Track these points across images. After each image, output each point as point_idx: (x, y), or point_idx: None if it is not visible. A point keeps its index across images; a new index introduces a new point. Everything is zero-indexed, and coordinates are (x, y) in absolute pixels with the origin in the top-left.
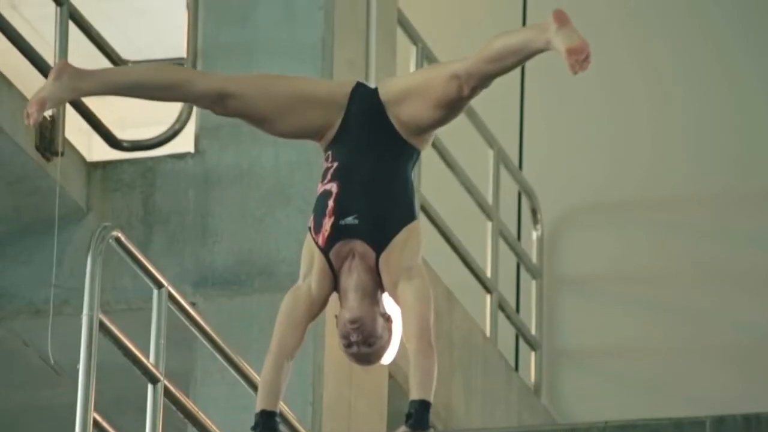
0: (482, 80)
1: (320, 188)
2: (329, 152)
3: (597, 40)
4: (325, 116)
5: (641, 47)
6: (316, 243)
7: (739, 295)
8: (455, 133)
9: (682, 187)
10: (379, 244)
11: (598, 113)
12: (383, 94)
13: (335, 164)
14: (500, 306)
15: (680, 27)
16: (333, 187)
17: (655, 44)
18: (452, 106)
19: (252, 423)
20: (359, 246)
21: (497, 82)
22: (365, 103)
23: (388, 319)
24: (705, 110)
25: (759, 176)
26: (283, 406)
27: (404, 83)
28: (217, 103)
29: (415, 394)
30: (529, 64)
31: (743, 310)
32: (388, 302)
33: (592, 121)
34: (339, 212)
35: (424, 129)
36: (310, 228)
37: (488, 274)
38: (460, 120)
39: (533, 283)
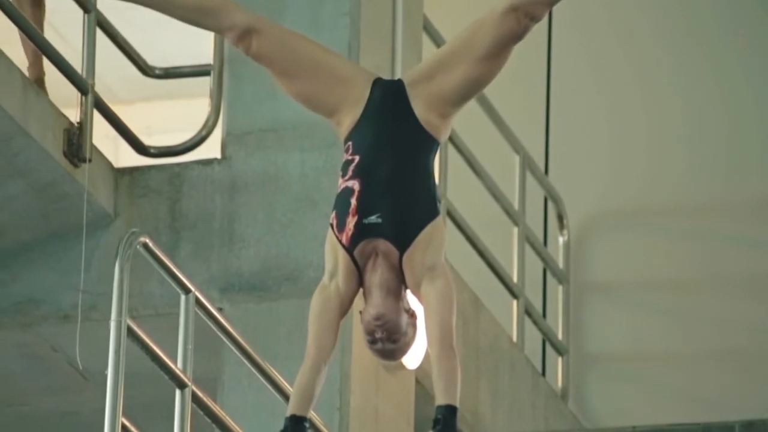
0: (546, 6)
1: (341, 184)
2: (350, 142)
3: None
4: (340, 94)
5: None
6: (340, 241)
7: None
8: (481, 139)
9: (712, 194)
10: (402, 243)
11: (627, 119)
12: (409, 77)
13: (356, 158)
14: (527, 311)
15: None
16: (355, 184)
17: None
18: (501, 52)
19: (280, 427)
20: (382, 245)
21: (522, 86)
22: (387, 91)
23: (412, 315)
24: (738, 117)
25: None
26: (310, 412)
27: (437, 55)
28: (244, 38)
29: (441, 399)
30: (555, 68)
31: None
32: (412, 298)
33: (619, 127)
34: (362, 211)
35: (462, 97)
36: (332, 225)
37: (515, 279)
38: (487, 126)
39: (560, 288)
